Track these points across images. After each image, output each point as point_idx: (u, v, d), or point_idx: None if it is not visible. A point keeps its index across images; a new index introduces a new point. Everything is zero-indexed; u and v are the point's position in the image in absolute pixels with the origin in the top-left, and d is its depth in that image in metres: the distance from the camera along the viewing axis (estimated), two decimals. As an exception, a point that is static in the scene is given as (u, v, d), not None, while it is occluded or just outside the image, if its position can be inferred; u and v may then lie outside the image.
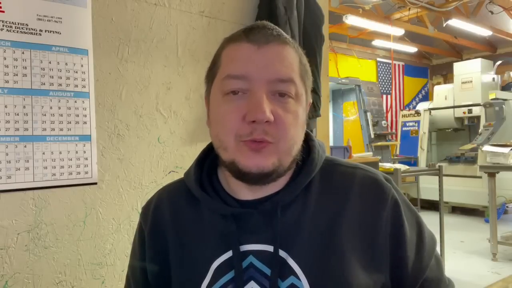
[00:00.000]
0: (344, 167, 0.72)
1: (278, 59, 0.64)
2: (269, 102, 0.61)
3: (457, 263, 3.84)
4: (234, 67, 0.64)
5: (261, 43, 0.64)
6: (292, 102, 0.64)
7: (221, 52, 0.68)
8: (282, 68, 0.63)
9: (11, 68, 1.13)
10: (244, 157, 0.62)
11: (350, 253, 0.64)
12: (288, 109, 0.63)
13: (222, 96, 0.64)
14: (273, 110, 0.61)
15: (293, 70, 0.65)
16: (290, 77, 0.64)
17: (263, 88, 0.62)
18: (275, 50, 0.64)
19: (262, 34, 0.65)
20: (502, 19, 6.80)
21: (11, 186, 1.13)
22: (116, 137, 1.32)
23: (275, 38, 0.65)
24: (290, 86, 0.64)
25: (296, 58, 0.67)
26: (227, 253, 0.66)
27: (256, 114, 0.60)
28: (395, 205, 0.68)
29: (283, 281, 0.63)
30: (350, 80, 6.67)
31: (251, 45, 0.64)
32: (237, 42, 0.66)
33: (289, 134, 0.63)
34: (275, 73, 0.63)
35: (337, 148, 3.47)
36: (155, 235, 0.74)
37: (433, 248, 0.73)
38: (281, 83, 0.63)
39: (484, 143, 5.36)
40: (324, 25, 1.80)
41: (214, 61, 0.69)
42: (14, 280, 1.13)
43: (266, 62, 0.63)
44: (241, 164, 0.62)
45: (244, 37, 0.65)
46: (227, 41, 0.68)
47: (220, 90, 0.65)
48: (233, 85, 0.63)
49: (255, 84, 0.62)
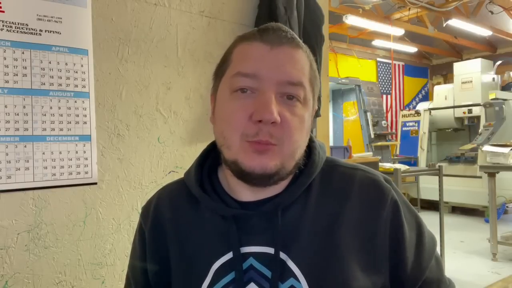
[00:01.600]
0: (344, 168, 0.72)
1: (289, 61, 0.64)
2: (277, 104, 0.61)
3: (457, 263, 3.84)
4: (245, 65, 0.63)
5: (274, 44, 0.64)
6: (299, 105, 0.64)
7: (232, 50, 0.68)
8: (293, 70, 0.63)
9: (11, 68, 1.13)
10: (248, 158, 0.61)
11: (350, 254, 0.64)
12: (295, 113, 0.63)
13: (230, 93, 0.64)
14: (280, 112, 0.61)
15: (304, 74, 0.65)
16: (300, 80, 0.64)
17: (272, 89, 0.62)
18: (287, 52, 0.64)
19: (276, 35, 0.65)
20: (502, 19, 6.80)
21: (11, 186, 1.13)
22: (116, 137, 1.32)
23: (288, 40, 0.65)
24: (299, 90, 0.63)
25: (307, 63, 0.66)
26: (228, 255, 0.66)
27: (264, 114, 0.60)
28: (395, 206, 0.68)
29: (282, 283, 0.62)
30: (350, 80, 6.67)
31: (264, 45, 0.64)
32: (250, 41, 0.66)
33: (294, 138, 0.63)
34: (286, 75, 0.63)
35: (337, 148, 3.47)
36: (156, 234, 0.74)
37: (433, 249, 0.73)
38: (291, 85, 0.63)
39: (484, 143, 5.37)
40: (324, 25, 1.80)
41: (225, 58, 0.69)
42: (14, 280, 1.13)
43: (278, 63, 0.63)
44: (244, 164, 0.62)
45: (258, 36, 0.65)
46: (240, 39, 0.68)
47: (228, 87, 0.65)
48: (242, 82, 0.63)
49: (265, 84, 0.62)
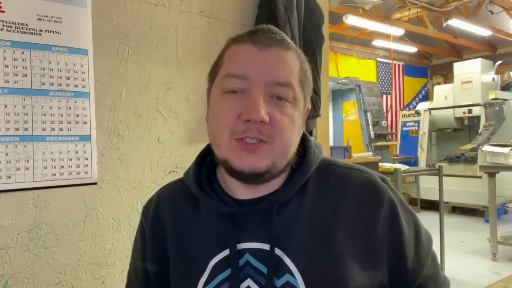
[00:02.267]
0: (340, 168, 0.73)
1: (278, 62, 0.65)
2: (265, 104, 0.62)
3: (457, 263, 3.84)
4: (235, 66, 0.65)
5: (263, 46, 0.65)
6: (289, 106, 0.65)
7: (224, 52, 0.70)
8: (281, 71, 0.64)
9: (11, 68, 1.13)
10: (237, 157, 0.63)
11: (346, 251, 0.65)
12: (285, 112, 0.64)
13: (221, 94, 0.66)
14: (269, 112, 0.62)
15: (293, 74, 0.66)
16: (289, 81, 0.65)
17: (261, 89, 0.63)
18: (276, 54, 0.65)
19: (265, 37, 0.66)
20: (502, 19, 6.80)
21: (11, 186, 1.13)
22: (116, 137, 1.32)
23: (277, 42, 0.66)
24: (287, 90, 0.64)
25: (297, 64, 0.67)
26: (224, 251, 0.67)
27: (251, 113, 0.61)
28: (392, 205, 0.69)
29: (278, 278, 0.64)
30: (350, 80, 6.67)
31: (253, 47, 0.65)
32: (240, 43, 0.67)
33: (285, 136, 0.64)
34: (274, 76, 0.64)
35: (337, 148, 3.46)
36: (156, 233, 0.75)
37: (430, 247, 0.74)
38: (279, 86, 0.64)
39: (484, 143, 5.36)
40: (324, 25, 1.80)
41: (218, 60, 0.71)
42: (14, 280, 1.13)
43: (266, 64, 0.64)
44: (234, 164, 0.63)
45: (248, 38, 0.66)
46: (231, 41, 0.69)
47: (220, 88, 0.66)
48: (232, 84, 0.64)
49: (253, 85, 0.63)
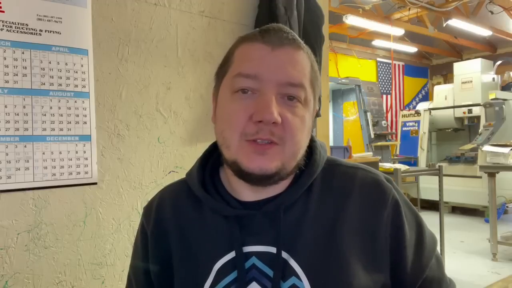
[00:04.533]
0: (345, 168, 0.72)
1: (290, 62, 0.64)
2: (277, 105, 0.61)
3: (457, 263, 3.84)
4: (246, 66, 0.64)
5: (275, 45, 0.64)
6: (300, 106, 0.64)
7: (234, 50, 0.68)
8: (293, 72, 0.63)
9: (11, 68, 1.13)
10: (247, 159, 0.62)
11: (351, 253, 0.64)
12: (296, 113, 0.63)
13: (231, 93, 0.64)
14: (281, 113, 0.61)
15: (304, 75, 0.65)
16: (301, 81, 0.64)
17: (273, 90, 0.62)
18: (288, 54, 0.64)
19: (277, 36, 0.65)
20: (502, 19, 6.80)
21: (11, 186, 1.13)
22: (116, 137, 1.32)
23: (289, 41, 0.65)
24: (300, 91, 0.64)
25: (308, 64, 0.67)
26: (230, 254, 0.66)
27: (264, 114, 0.60)
28: (396, 205, 0.68)
29: (284, 281, 0.63)
30: (350, 80, 6.67)
31: (265, 46, 0.64)
32: (251, 42, 0.66)
33: (296, 138, 0.63)
34: (286, 76, 0.63)
35: (337, 148, 3.47)
36: (158, 235, 0.74)
37: (434, 248, 0.73)
38: (291, 86, 0.63)
39: (484, 143, 5.36)
40: (324, 25, 1.80)
41: (226, 58, 0.69)
42: (14, 280, 1.13)
43: (279, 64, 0.63)
44: (243, 165, 0.62)
45: (260, 37, 0.65)
46: (242, 39, 0.68)
47: (229, 87, 0.65)
48: (243, 83, 0.63)
49: (265, 85, 0.62)
